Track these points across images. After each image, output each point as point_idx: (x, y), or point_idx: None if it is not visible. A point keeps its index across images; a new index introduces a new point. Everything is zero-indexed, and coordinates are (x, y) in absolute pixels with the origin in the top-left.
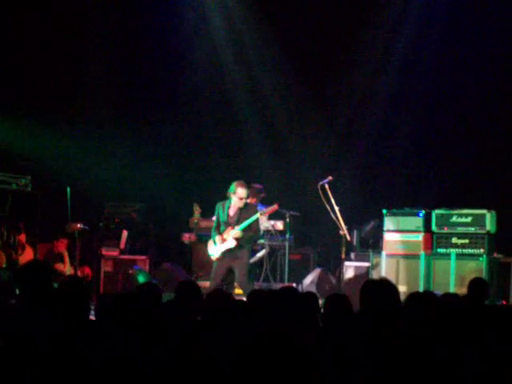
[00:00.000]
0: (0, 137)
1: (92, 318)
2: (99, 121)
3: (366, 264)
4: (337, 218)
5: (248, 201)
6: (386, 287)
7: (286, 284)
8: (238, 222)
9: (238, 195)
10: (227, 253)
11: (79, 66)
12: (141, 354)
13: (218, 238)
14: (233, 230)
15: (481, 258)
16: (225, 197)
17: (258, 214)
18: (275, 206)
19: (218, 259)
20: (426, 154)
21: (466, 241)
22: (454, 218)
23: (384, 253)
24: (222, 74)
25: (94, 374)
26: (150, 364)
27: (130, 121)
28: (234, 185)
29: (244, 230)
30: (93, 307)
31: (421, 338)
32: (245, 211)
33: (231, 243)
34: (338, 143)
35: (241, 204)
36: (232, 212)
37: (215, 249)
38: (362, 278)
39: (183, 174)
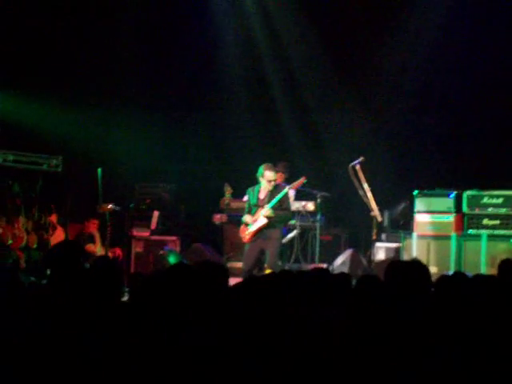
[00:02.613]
0: (31, 118)
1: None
2: (131, 101)
3: (397, 245)
4: (368, 198)
5: (277, 182)
6: (418, 268)
7: (317, 265)
8: (269, 203)
9: (266, 178)
10: (259, 233)
11: (111, 46)
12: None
13: (249, 218)
14: (263, 209)
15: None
16: (256, 179)
17: (286, 189)
18: (302, 179)
19: (250, 241)
20: (457, 135)
21: (497, 222)
22: (485, 199)
23: (415, 234)
24: (252, 54)
25: (127, 356)
26: (185, 346)
27: (161, 101)
28: (261, 168)
29: (274, 208)
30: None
31: (452, 319)
32: (275, 192)
33: (262, 221)
34: (369, 124)
35: (270, 187)
36: (262, 195)
37: (248, 231)
38: (393, 259)
39: (215, 155)
